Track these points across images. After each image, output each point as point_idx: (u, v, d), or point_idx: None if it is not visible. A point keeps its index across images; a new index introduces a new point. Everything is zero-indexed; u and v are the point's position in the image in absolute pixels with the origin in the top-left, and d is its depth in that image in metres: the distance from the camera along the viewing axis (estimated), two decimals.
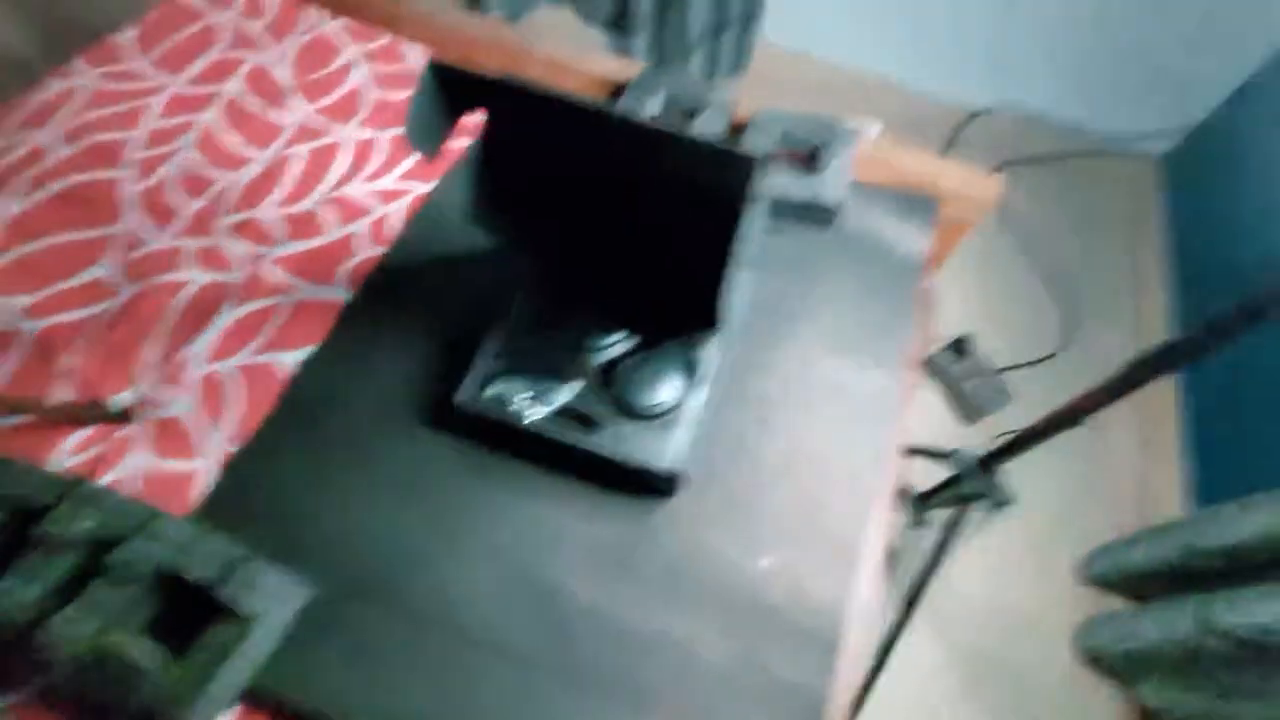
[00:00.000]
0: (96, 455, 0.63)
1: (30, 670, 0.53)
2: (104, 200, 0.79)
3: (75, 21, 1.46)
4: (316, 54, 0.95)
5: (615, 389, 0.64)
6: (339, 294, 0.74)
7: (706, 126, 0.82)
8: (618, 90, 0.92)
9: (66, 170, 0.81)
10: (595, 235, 0.67)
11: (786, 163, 0.82)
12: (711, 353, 0.67)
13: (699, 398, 0.65)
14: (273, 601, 0.54)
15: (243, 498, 0.62)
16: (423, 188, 0.84)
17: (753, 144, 0.81)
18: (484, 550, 0.61)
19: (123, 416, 0.66)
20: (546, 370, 0.65)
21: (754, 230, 0.60)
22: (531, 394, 0.62)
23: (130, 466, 0.63)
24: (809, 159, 0.83)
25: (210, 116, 0.87)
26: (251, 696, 0.54)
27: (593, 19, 1.85)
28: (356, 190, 0.83)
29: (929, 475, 1.09)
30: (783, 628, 0.60)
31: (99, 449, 0.64)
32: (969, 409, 1.42)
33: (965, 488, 0.88)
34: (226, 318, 0.72)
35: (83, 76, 0.90)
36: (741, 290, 0.70)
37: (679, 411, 0.64)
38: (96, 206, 0.79)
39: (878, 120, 1.50)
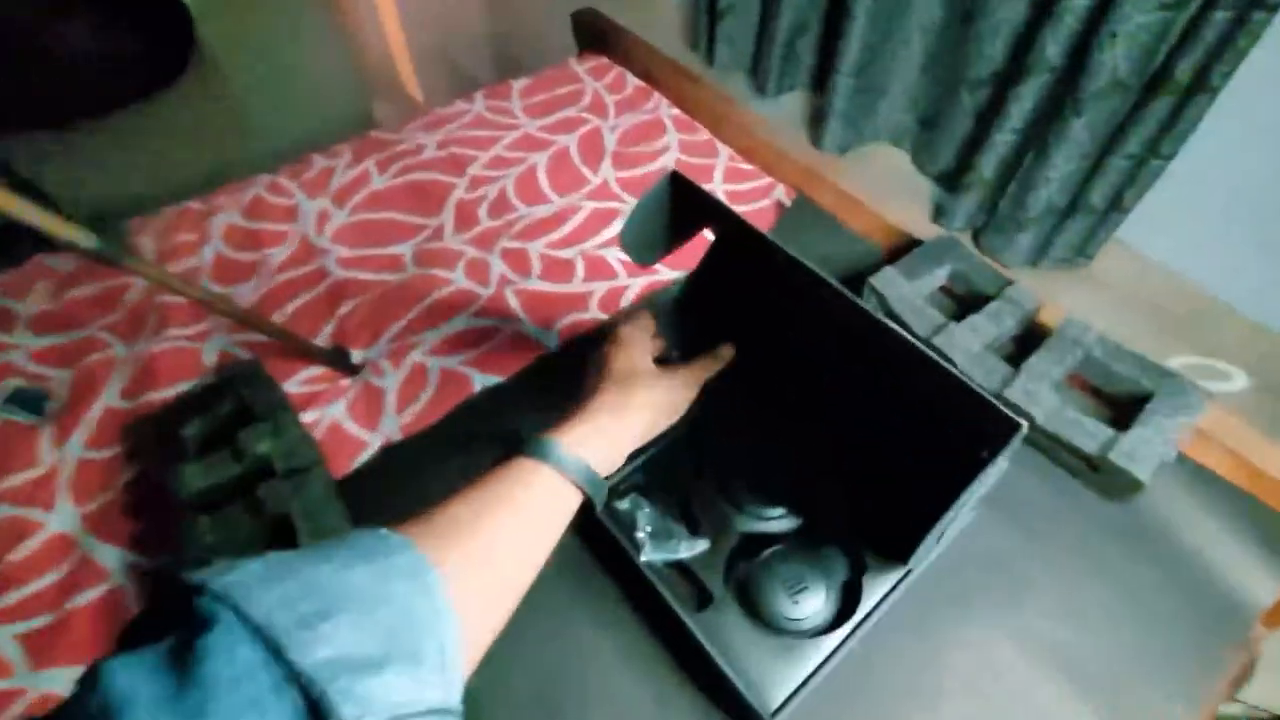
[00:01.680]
0: (315, 392, 0.74)
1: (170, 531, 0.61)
2: (437, 197, 0.95)
3: (515, 61, 1.84)
4: (644, 131, 1.04)
5: (751, 574, 0.54)
6: (547, 342, 0.77)
7: (991, 323, 0.68)
8: (907, 244, 0.84)
9: (426, 167, 0.99)
10: (792, 394, 0.58)
11: (1080, 397, 0.64)
12: (880, 590, 0.53)
13: (843, 637, 0.51)
14: None
15: (382, 482, 0.66)
16: (668, 274, 0.84)
17: (1044, 363, 0.64)
18: (533, 647, 0.55)
19: (355, 369, 0.76)
20: (682, 508, 0.58)
21: (984, 485, 0.46)
22: (652, 529, 0.56)
23: (329, 413, 0.72)
24: (1117, 404, 0.64)
25: (540, 158, 1.00)
26: None
27: (928, 169, 1.77)
28: (611, 254, 0.87)
29: None
30: None
31: (320, 387, 0.74)
32: None
33: None
34: (459, 324, 0.79)
35: (476, 104, 1.11)
36: (949, 533, 0.55)
37: (813, 642, 0.51)
38: (430, 200, 0.95)
39: (1239, 370, 1.13)
